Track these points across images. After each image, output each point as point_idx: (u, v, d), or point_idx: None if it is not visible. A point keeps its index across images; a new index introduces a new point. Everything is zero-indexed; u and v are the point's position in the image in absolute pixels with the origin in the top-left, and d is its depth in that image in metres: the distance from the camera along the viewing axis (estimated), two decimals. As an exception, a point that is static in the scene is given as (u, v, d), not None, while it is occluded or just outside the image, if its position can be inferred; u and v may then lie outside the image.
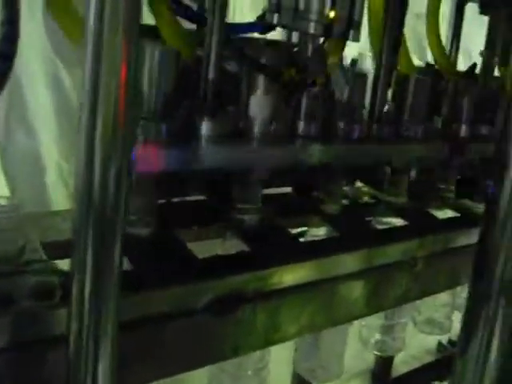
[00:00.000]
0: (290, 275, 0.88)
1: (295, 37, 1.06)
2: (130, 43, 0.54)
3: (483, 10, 1.30)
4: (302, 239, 1.05)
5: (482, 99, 1.27)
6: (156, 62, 0.75)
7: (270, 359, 1.50)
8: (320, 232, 1.08)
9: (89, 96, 0.54)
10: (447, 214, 1.30)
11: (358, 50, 1.64)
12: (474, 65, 1.36)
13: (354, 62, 1.15)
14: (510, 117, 0.72)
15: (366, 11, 1.14)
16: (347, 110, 0.99)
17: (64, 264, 0.69)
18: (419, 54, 1.71)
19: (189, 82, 0.84)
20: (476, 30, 1.45)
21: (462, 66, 1.42)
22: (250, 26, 0.97)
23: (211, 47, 0.82)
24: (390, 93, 1.14)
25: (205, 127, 0.81)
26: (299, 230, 1.09)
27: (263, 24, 0.93)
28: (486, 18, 1.33)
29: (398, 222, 1.19)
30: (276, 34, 1.28)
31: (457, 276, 1.17)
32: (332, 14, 0.86)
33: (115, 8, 0.53)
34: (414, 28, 1.79)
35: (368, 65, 1.14)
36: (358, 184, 1.27)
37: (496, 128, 1.29)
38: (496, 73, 1.39)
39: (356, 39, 0.92)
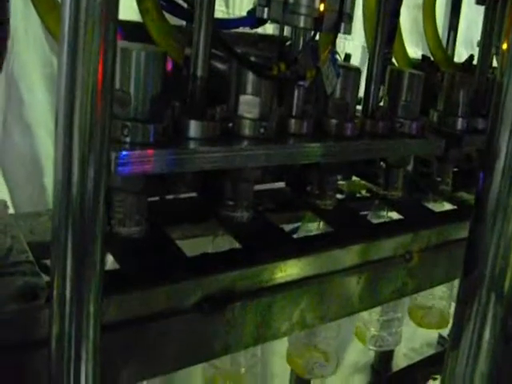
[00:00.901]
0: (283, 272, 0.88)
1: (288, 31, 1.05)
2: (108, 42, 0.54)
3: (479, 0, 1.28)
4: (295, 235, 1.04)
5: (478, 91, 1.26)
6: (142, 64, 0.75)
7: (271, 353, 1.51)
8: (314, 227, 1.08)
9: (65, 96, 0.53)
10: (444, 206, 1.29)
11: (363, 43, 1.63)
12: (471, 56, 1.35)
13: (348, 56, 1.15)
14: (499, 107, 0.71)
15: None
16: (339, 105, 0.98)
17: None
18: (422, 45, 1.70)
19: (177, 82, 0.84)
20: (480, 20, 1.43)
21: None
22: (239, 21, 0.95)
23: (199, 44, 0.81)
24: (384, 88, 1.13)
25: (193, 128, 0.81)
26: (293, 226, 1.08)
27: (253, 18, 0.92)
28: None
29: (393, 215, 1.18)
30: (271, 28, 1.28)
31: (453, 269, 1.16)
32: (322, 7, 0.85)
33: (92, 6, 0.52)
34: (415, 19, 1.79)
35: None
36: (354, 178, 1.27)
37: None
38: (495, 63, 1.38)
39: (347, 32, 0.91)
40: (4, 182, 1.41)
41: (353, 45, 1.80)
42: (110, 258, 0.80)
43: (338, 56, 0.95)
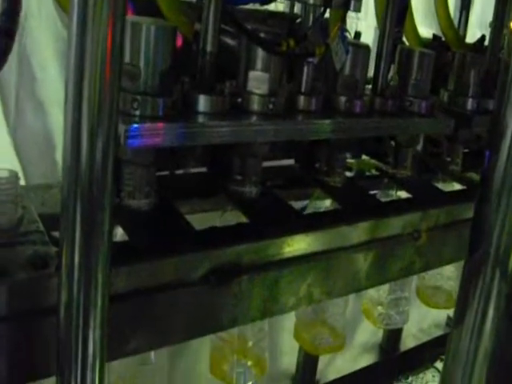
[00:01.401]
0: (290, 247, 0.89)
1: (298, 8, 1.06)
2: (116, 14, 0.54)
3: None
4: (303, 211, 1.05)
5: (489, 71, 1.25)
6: (152, 38, 0.76)
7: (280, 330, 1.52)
8: (322, 204, 1.08)
9: (74, 68, 0.54)
10: (453, 186, 1.29)
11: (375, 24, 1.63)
12: (483, 37, 1.34)
13: (358, 34, 1.15)
14: (506, 86, 0.71)
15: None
16: (348, 82, 0.99)
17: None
18: (436, 26, 1.70)
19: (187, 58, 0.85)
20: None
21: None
22: (249, -3, 0.96)
23: (209, 19, 0.82)
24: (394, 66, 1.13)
25: (202, 103, 0.82)
26: (302, 203, 1.09)
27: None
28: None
29: (402, 195, 1.19)
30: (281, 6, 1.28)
31: (462, 249, 1.16)
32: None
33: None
34: (429, 0, 1.78)
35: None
36: (364, 157, 1.27)
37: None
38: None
39: (357, 9, 0.91)
40: (17, 160, 1.42)
41: (365, 25, 1.79)
42: (119, 231, 0.82)
43: (347, 33, 0.95)
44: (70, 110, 0.55)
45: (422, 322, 2.04)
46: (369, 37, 1.72)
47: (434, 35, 1.35)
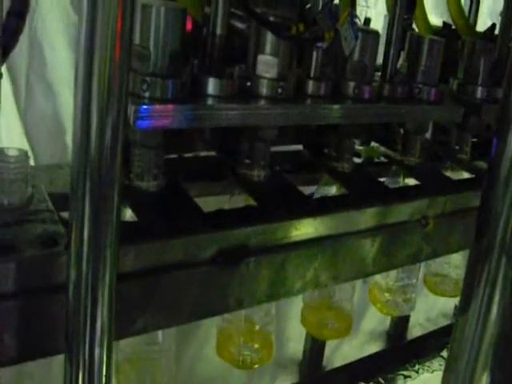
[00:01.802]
0: (297, 230, 0.89)
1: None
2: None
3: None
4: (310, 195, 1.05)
5: (499, 60, 1.25)
6: (162, 19, 0.76)
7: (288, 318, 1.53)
8: (331, 189, 1.09)
9: (84, 51, 0.55)
10: (462, 175, 1.29)
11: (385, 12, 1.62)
12: (494, 25, 1.34)
13: (367, 20, 1.15)
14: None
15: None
16: (357, 68, 0.99)
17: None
18: (447, 16, 1.69)
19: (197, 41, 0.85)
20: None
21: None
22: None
23: (218, 2, 0.82)
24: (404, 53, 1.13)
25: (211, 86, 0.82)
26: (310, 190, 1.09)
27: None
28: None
29: (410, 182, 1.19)
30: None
31: (469, 237, 1.16)
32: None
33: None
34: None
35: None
36: (373, 144, 1.27)
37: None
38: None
39: (367, -6, 0.91)
40: (26, 142, 1.43)
41: (375, 12, 1.79)
42: (128, 212, 0.82)
43: (357, 19, 0.95)
44: (80, 92, 0.56)
45: (430, 311, 2.05)
46: (378, 24, 1.72)
47: (444, 23, 1.35)
